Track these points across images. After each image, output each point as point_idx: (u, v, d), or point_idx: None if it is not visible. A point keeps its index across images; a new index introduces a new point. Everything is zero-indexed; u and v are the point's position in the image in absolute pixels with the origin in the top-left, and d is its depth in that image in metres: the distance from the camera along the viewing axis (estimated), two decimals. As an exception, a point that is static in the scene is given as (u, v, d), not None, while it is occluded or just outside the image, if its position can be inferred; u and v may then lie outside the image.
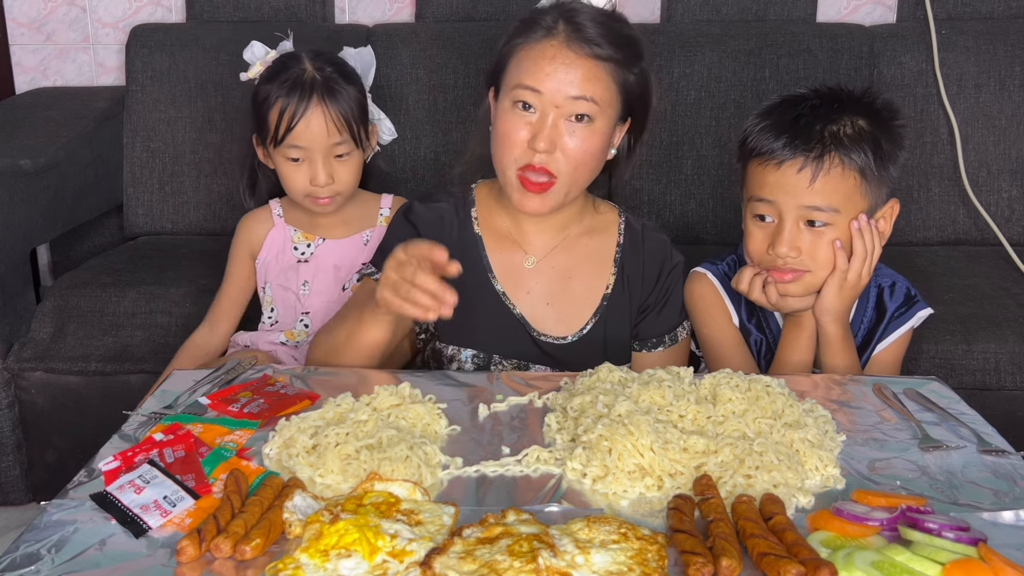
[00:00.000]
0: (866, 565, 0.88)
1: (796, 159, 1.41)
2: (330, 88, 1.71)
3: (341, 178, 1.75)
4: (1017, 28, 2.38)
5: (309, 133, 1.70)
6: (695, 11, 2.49)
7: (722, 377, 1.23)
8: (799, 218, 1.43)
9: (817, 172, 1.40)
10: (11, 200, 2.01)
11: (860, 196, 1.43)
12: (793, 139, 1.41)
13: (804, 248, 1.43)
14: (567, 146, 1.44)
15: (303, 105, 1.69)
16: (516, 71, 1.46)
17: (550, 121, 1.43)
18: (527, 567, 0.85)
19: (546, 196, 1.47)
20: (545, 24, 1.46)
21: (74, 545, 0.94)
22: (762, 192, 1.45)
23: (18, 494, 2.09)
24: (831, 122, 1.41)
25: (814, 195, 1.41)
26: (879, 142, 1.42)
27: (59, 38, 2.65)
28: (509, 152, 1.46)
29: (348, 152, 1.75)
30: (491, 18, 2.51)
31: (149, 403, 1.26)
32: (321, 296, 1.82)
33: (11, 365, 2.02)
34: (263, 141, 1.76)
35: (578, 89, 1.42)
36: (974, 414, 1.24)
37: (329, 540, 0.90)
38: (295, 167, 1.73)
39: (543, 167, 1.44)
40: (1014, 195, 2.33)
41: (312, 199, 1.76)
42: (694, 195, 2.36)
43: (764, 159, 1.44)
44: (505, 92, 1.47)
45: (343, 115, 1.71)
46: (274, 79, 1.73)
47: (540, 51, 1.44)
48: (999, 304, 1.99)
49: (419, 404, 1.20)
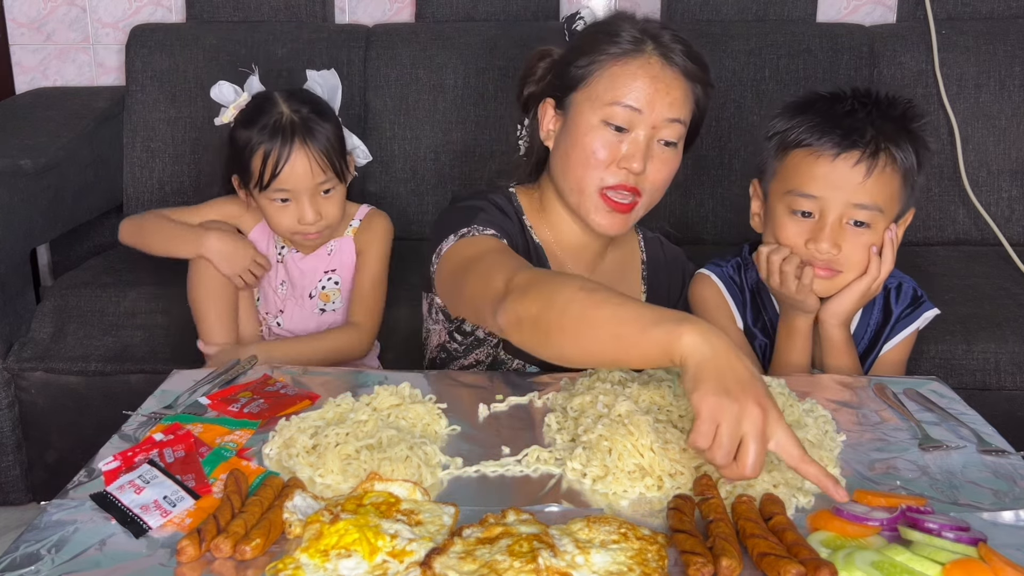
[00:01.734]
0: (866, 565, 0.88)
1: (852, 152, 1.38)
2: (309, 129, 1.71)
3: (328, 213, 1.76)
4: (1017, 28, 2.38)
5: (294, 176, 1.71)
6: (695, 11, 2.49)
7: (722, 377, 1.23)
8: (844, 215, 1.40)
9: (872, 168, 1.38)
10: (11, 200, 2.02)
11: (899, 199, 1.42)
12: (849, 133, 1.39)
13: (844, 247, 1.41)
14: (655, 167, 1.41)
15: (286, 149, 1.69)
16: (610, 88, 1.39)
17: (643, 141, 1.39)
18: (527, 567, 0.85)
19: (629, 216, 1.44)
20: (630, 39, 1.41)
21: (74, 545, 0.93)
22: (807, 187, 1.41)
23: (18, 494, 2.09)
24: (879, 122, 1.40)
25: (864, 192, 1.39)
26: (918, 148, 1.42)
27: (59, 38, 2.65)
28: (595, 171, 1.40)
29: (332, 187, 1.76)
30: (491, 18, 2.52)
31: (149, 403, 1.25)
32: (291, 301, 1.84)
33: (11, 365, 2.02)
34: (245, 184, 1.77)
35: (675, 111, 1.40)
36: (974, 414, 1.24)
37: (329, 540, 0.90)
38: (282, 208, 1.74)
39: (633, 187, 1.41)
40: (1014, 195, 2.34)
41: (301, 235, 1.77)
42: (694, 195, 2.36)
43: (814, 151, 1.40)
44: (591, 108, 1.40)
45: (324, 154, 1.72)
46: (252, 124, 1.73)
47: (639, 68, 1.39)
48: (999, 304, 1.99)
49: (419, 404, 1.20)
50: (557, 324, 1.10)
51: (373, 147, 2.40)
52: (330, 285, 1.83)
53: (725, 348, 0.99)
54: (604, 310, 1.08)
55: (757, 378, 0.98)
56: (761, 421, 0.95)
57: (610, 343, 1.07)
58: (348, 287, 1.84)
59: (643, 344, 1.04)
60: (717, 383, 0.96)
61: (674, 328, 1.01)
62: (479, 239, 1.37)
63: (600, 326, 1.07)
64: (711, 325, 1.03)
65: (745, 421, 0.95)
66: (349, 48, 2.42)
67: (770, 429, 0.95)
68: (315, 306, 1.84)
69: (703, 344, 0.99)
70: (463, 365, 1.52)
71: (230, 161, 1.79)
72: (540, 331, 1.13)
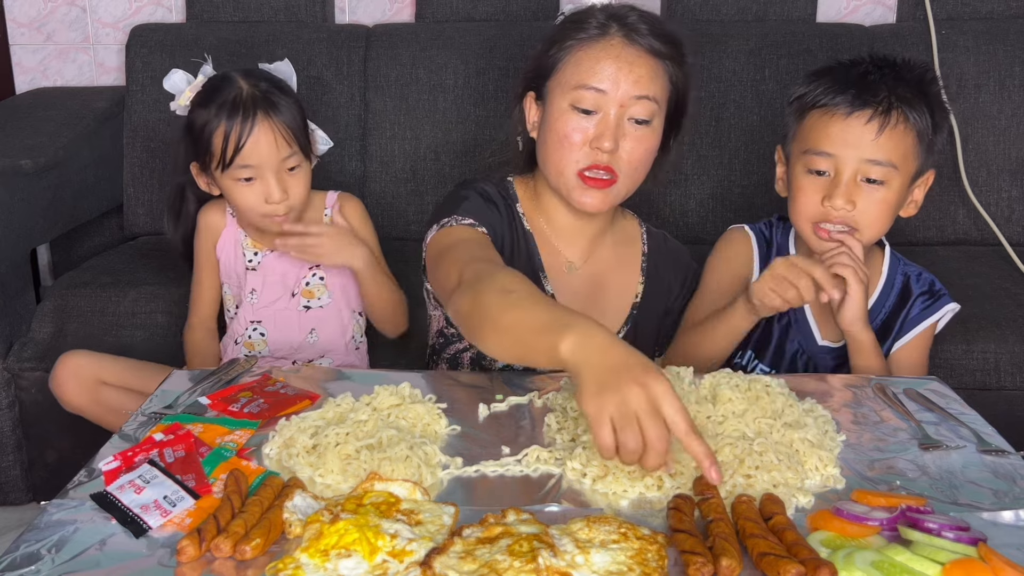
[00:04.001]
0: (866, 565, 0.88)
1: (864, 111, 1.42)
2: (272, 102, 1.67)
3: (295, 192, 1.70)
4: (1017, 28, 2.38)
5: (258, 151, 1.65)
6: (695, 11, 2.49)
7: (722, 377, 1.23)
8: (858, 172, 1.44)
9: (884, 125, 1.42)
10: (11, 200, 2.02)
11: (913, 157, 1.45)
12: (862, 92, 1.43)
13: (859, 203, 1.44)
14: (628, 146, 1.43)
15: (248, 123, 1.64)
16: (575, 72, 1.43)
17: (613, 120, 1.41)
18: (527, 567, 0.85)
19: (607, 192, 1.45)
20: (596, 24, 1.44)
21: (74, 545, 0.93)
22: (822, 145, 1.45)
23: (18, 494, 2.09)
24: (894, 84, 1.44)
25: (877, 148, 1.42)
26: (934, 110, 1.46)
27: (59, 38, 2.65)
28: (569, 154, 1.43)
29: (298, 164, 1.71)
30: (491, 18, 2.51)
31: (149, 403, 1.25)
32: (270, 307, 1.79)
33: (11, 365, 2.02)
34: (206, 168, 1.71)
35: (642, 88, 1.41)
36: (974, 414, 1.24)
37: (329, 540, 0.90)
38: (247, 188, 1.68)
39: (607, 166, 1.43)
40: (1014, 195, 2.33)
41: (269, 219, 1.71)
42: (694, 195, 2.36)
43: (829, 110, 1.45)
44: (562, 93, 1.44)
45: (289, 126, 1.67)
46: (210, 102, 1.67)
47: (601, 50, 1.42)
48: (999, 304, 1.99)
49: (419, 404, 1.20)
50: (480, 324, 1.17)
51: (373, 147, 2.40)
52: (315, 280, 1.79)
53: (599, 344, 1.01)
54: (510, 314, 1.13)
55: (633, 359, 0.99)
56: (644, 397, 0.96)
57: (515, 347, 1.14)
58: (336, 281, 1.79)
59: (536, 351, 1.09)
60: (594, 383, 0.98)
61: (555, 337, 1.03)
62: (455, 229, 1.43)
63: (507, 330, 1.13)
64: (591, 323, 1.04)
65: (631, 403, 0.95)
66: (349, 48, 2.42)
67: (657, 402, 0.96)
68: (298, 304, 1.79)
69: (579, 350, 1.01)
70: (458, 350, 1.56)
71: (189, 148, 1.72)
72: (471, 328, 1.20)
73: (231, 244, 1.81)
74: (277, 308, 1.79)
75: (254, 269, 1.79)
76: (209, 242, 1.82)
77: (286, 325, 1.79)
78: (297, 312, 1.79)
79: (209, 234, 1.82)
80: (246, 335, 1.79)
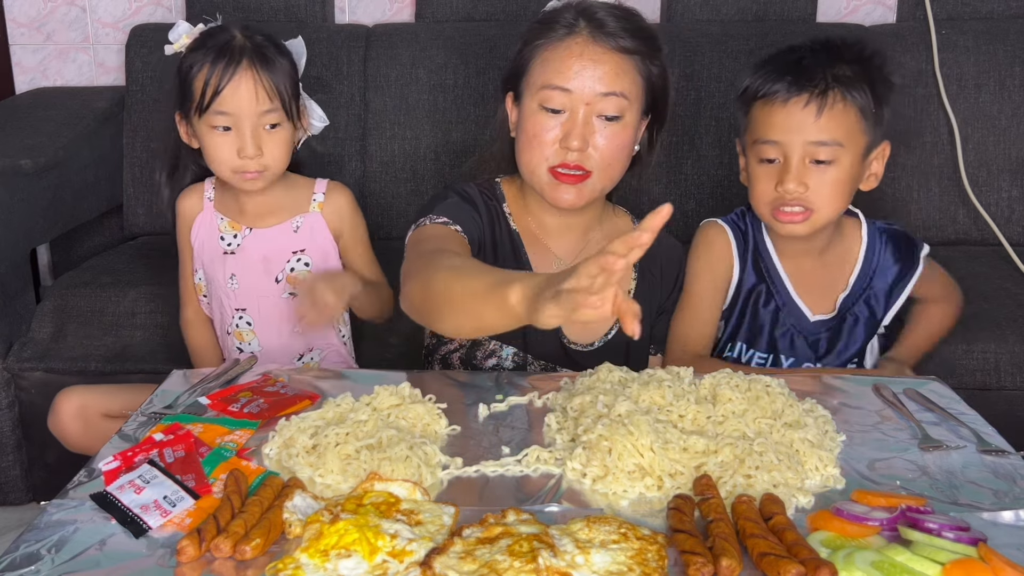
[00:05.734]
0: (866, 565, 0.88)
1: (801, 95, 1.46)
2: (261, 54, 1.62)
3: (270, 151, 1.63)
4: (1017, 28, 2.38)
5: (237, 98, 1.60)
6: (695, 11, 2.49)
7: (722, 377, 1.23)
8: (805, 155, 1.47)
9: (822, 107, 1.45)
10: (11, 200, 2.02)
11: (859, 133, 1.49)
12: (798, 78, 1.47)
13: (810, 184, 1.48)
14: (599, 143, 1.43)
15: (231, 69, 1.59)
16: (541, 72, 1.44)
17: (581, 118, 1.42)
18: (527, 567, 0.85)
19: (581, 188, 1.45)
20: (564, 23, 1.44)
21: (74, 545, 0.94)
22: (768, 133, 1.49)
23: (18, 494, 2.09)
24: (830, 65, 1.48)
25: (819, 130, 1.46)
26: (874, 84, 1.49)
27: (59, 38, 2.65)
28: (539, 152, 1.44)
29: (278, 123, 1.64)
30: (491, 18, 2.51)
31: (149, 403, 1.26)
32: (252, 291, 1.72)
33: (11, 365, 2.02)
34: (186, 115, 1.65)
35: (607, 85, 1.41)
36: (974, 414, 1.24)
37: (329, 540, 0.90)
38: (221, 138, 1.62)
39: (577, 164, 1.43)
40: (1014, 195, 2.33)
41: (240, 175, 1.64)
42: (694, 195, 2.36)
43: (769, 99, 1.49)
44: (531, 94, 1.46)
45: (273, 83, 1.62)
46: (201, 47, 1.63)
47: (566, 49, 1.42)
48: (999, 304, 1.99)
49: (419, 404, 1.20)
50: (434, 305, 1.21)
51: (373, 147, 2.40)
52: (300, 267, 1.72)
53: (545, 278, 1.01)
54: (458, 286, 1.17)
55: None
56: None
57: (470, 316, 1.16)
58: (321, 269, 1.73)
59: (488, 311, 1.10)
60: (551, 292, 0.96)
61: (503, 289, 1.05)
62: (428, 228, 1.45)
63: (459, 302, 1.17)
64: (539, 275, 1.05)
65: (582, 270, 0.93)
66: (349, 48, 2.42)
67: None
68: (283, 291, 1.71)
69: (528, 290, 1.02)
70: (448, 351, 1.57)
71: (176, 95, 1.67)
72: (425, 313, 1.25)
73: (206, 228, 1.75)
74: (261, 295, 1.73)
75: (232, 252, 1.73)
76: (187, 229, 1.77)
77: (272, 314, 1.73)
78: (283, 300, 1.73)
79: (185, 221, 1.77)
80: (233, 324, 1.74)
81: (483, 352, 1.55)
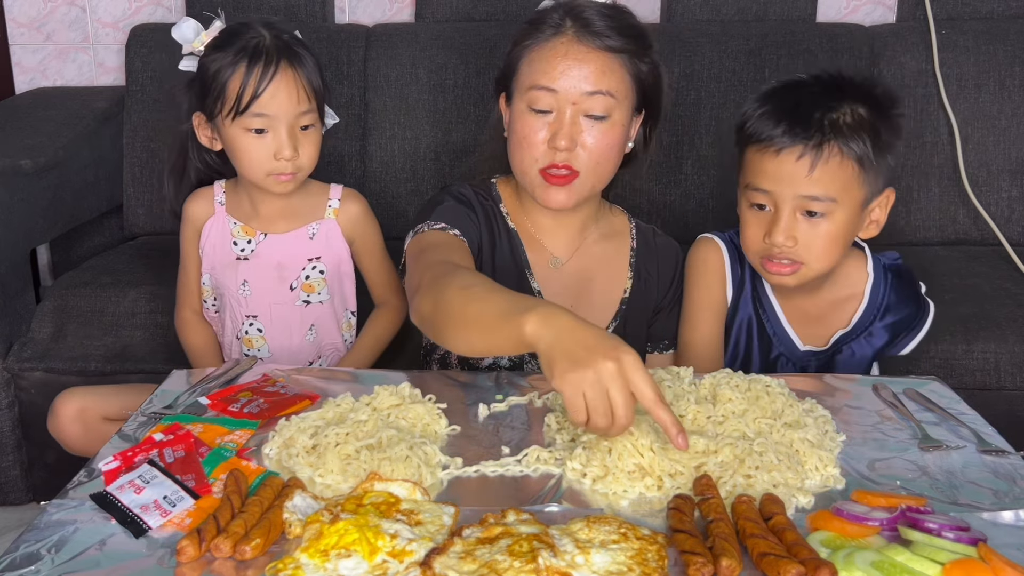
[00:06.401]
0: (866, 565, 0.88)
1: (795, 147, 1.38)
2: (295, 53, 1.59)
3: (306, 151, 1.62)
4: (1017, 28, 2.38)
5: (277, 100, 1.57)
6: (695, 11, 2.49)
7: (722, 377, 1.23)
8: (796, 208, 1.41)
9: (816, 161, 1.37)
10: (11, 200, 2.02)
11: (857, 186, 1.41)
12: (792, 127, 1.39)
13: (800, 238, 1.41)
14: (587, 142, 1.43)
15: (271, 69, 1.56)
16: (528, 73, 1.44)
17: (568, 118, 1.42)
18: (527, 567, 0.85)
19: (571, 188, 1.45)
20: (552, 23, 1.44)
21: (74, 545, 0.93)
22: (759, 181, 1.43)
23: (18, 494, 2.09)
24: (830, 110, 1.39)
25: (812, 184, 1.38)
26: (878, 131, 1.40)
27: (59, 38, 2.65)
28: (529, 153, 1.45)
29: (312, 124, 1.63)
30: (491, 18, 2.51)
31: (149, 403, 1.25)
32: (265, 298, 1.71)
33: (11, 365, 2.02)
34: (212, 116, 1.62)
35: (593, 84, 1.41)
36: (974, 414, 1.24)
37: (329, 540, 0.90)
38: (257, 140, 1.59)
39: (565, 164, 1.43)
40: (1014, 195, 2.33)
41: (274, 177, 1.62)
42: (694, 195, 2.36)
43: (762, 146, 1.41)
44: (519, 95, 1.46)
45: (311, 82, 1.60)
46: (229, 47, 1.59)
47: (551, 49, 1.43)
48: (999, 304, 1.99)
49: (419, 404, 1.20)
50: (444, 322, 1.20)
51: (373, 147, 2.40)
52: (315, 275, 1.71)
53: (568, 324, 1.03)
54: (472, 307, 1.16)
55: (603, 336, 1.02)
56: (616, 370, 0.99)
57: (480, 338, 1.16)
58: (334, 276, 1.73)
59: (500, 338, 1.11)
60: (568, 360, 1.01)
61: (518, 319, 1.06)
62: (427, 235, 1.45)
63: (470, 323, 1.15)
64: (553, 306, 1.07)
65: (604, 378, 0.99)
66: (349, 48, 2.42)
67: (626, 375, 0.99)
68: (296, 298, 1.71)
69: (545, 329, 1.04)
70: (447, 350, 1.57)
71: (196, 96, 1.64)
72: (435, 328, 1.22)
73: (218, 234, 1.73)
74: (274, 301, 1.71)
75: (246, 258, 1.71)
76: (194, 233, 1.75)
77: (285, 322, 1.72)
78: (296, 307, 1.72)
79: (193, 225, 1.75)
80: (243, 330, 1.73)
81: None
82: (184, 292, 1.81)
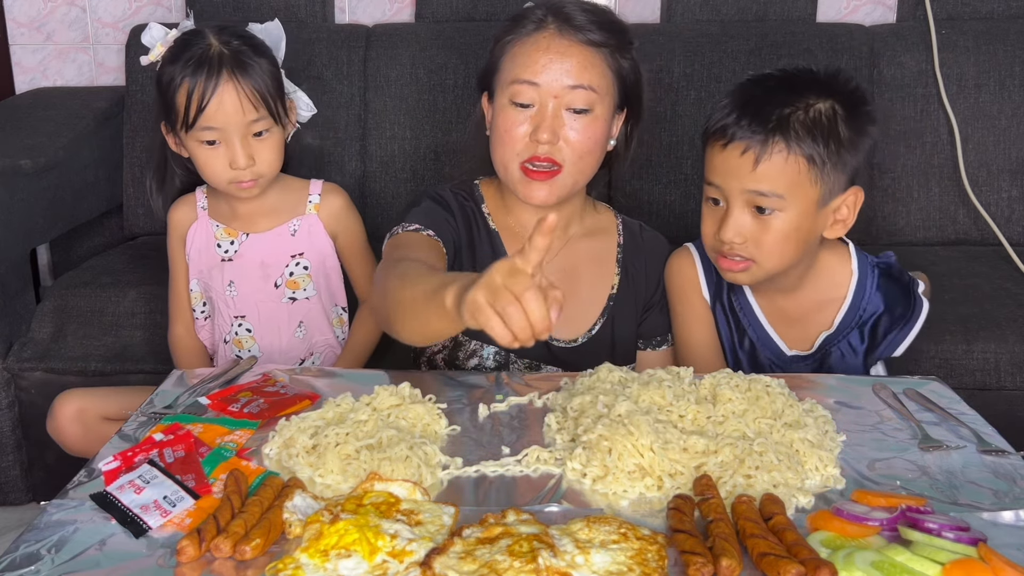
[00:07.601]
0: (866, 565, 0.88)
1: (740, 141, 1.37)
2: (240, 62, 1.58)
3: (263, 157, 1.62)
4: (1017, 28, 2.38)
5: (223, 112, 1.57)
6: (695, 11, 2.49)
7: (722, 377, 1.23)
8: (745, 203, 1.39)
9: (760, 156, 1.35)
10: (11, 200, 2.01)
11: (809, 184, 1.37)
12: (740, 120, 1.37)
13: (748, 235, 1.39)
14: (570, 136, 1.43)
15: (212, 82, 1.56)
16: (510, 68, 1.45)
17: (550, 112, 1.42)
18: (527, 567, 0.85)
19: (553, 183, 1.45)
20: (534, 19, 1.45)
21: (74, 545, 0.94)
22: (710, 174, 1.42)
23: (18, 494, 2.09)
24: (785, 105, 1.36)
25: (757, 179, 1.36)
26: (835, 129, 1.36)
27: (59, 38, 2.65)
28: (510, 147, 1.45)
29: (267, 129, 1.62)
30: (491, 18, 2.51)
31: (149, 403, 1.25)
32: (251, 297, 1.71)
33: (11, 365, 2.02)
34: (172, 128, 1.63)
35: (575, 77, 1.42)
36: (974, 414, 1.24)
37: (329, 540, 0.90)
38: (211, 152, 1.60)
39: (548, 157, 1.43)
40: (1014, 195, 2.33)
41: (235, 185, 1.63)
42: (694, 195, 2.35)
43: (714, 139, 1.41)
44: (501, 90, 1.47)
45: (257, 90, 1.59)
46: (177, 59, 1.59)
47: (533, 44, 1.43)
48: (999, 304, 1.99)
49: (419, 404, 1.20)
50: (389, 312, 1.22)
51: (373, 147, 2.40)
52: (299, 271, 1.71)
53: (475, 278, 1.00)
54: (407, 292, 1.18)
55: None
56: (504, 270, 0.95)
57: (416, 321, 1.18)
58: (319, 271, 1.73)
59: (432, 316, 1.11)
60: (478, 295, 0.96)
61: (442, 293, 1.05)
62: (400, 236, 1.45)
63: (408, 308, 1.18)
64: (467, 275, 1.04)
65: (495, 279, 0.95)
66: (349, 48, 2.42)
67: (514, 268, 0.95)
68: (282, 296, 1.71)
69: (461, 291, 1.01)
70: (432, 352, 1.58)
71: (158, 106, 1.64)
72: (384, 320, 1.25)
73: (202, 237, 1.73)
74: (260, 300, 1.71)
75: (230, 259, 1.71)
76: (179, 241, 1.76)
77: (272, 319, 1.72)
78: (282, 304, 1.72)
79: (177, 232, 1.75)
80: (232, 331, 1.73)
81: (465, 352, 1.55)
82: (175, 307, 1.80)
